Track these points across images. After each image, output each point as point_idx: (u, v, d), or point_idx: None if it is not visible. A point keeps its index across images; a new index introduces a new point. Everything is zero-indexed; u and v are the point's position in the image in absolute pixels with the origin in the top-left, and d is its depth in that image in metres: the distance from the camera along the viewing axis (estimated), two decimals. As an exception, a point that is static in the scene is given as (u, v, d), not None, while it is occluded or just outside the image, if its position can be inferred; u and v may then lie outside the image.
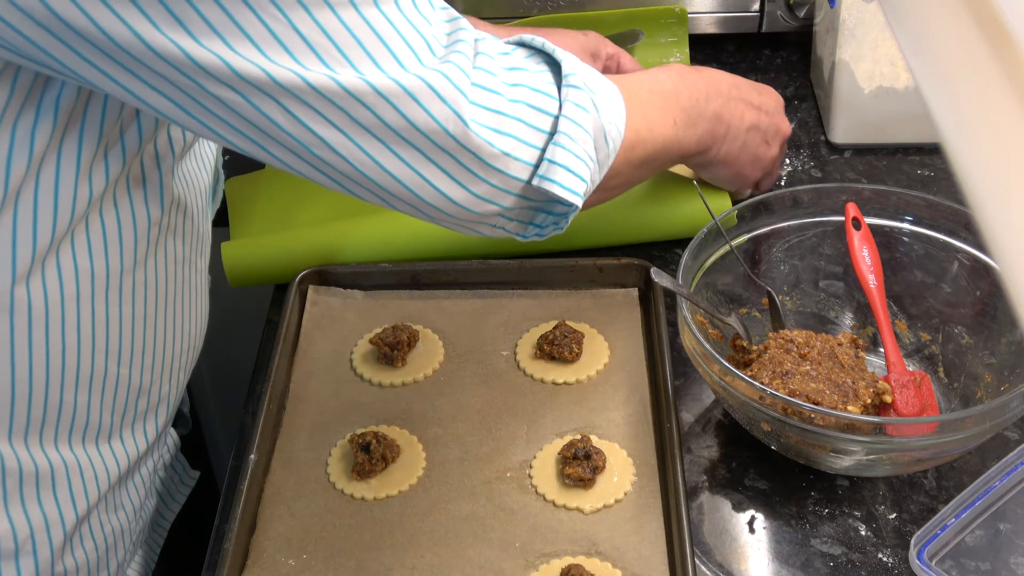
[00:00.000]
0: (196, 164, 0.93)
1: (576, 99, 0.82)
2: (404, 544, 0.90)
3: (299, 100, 0.71)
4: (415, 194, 0.79)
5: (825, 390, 0.92)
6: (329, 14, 0.69)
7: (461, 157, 0.77)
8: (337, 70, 0.71)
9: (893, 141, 1.30)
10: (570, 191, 0.81)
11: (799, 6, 1.42)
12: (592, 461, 0.93)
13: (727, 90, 1.04)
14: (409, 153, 0.75)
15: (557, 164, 0.80)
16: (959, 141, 0.43)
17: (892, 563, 0.88)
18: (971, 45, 0.43)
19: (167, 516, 1.08)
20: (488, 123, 0.78)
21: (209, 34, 0.67)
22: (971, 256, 1.01)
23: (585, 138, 0.82)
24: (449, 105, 0.75)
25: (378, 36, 0.72)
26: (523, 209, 0.85)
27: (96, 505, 0.90)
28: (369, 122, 0.73)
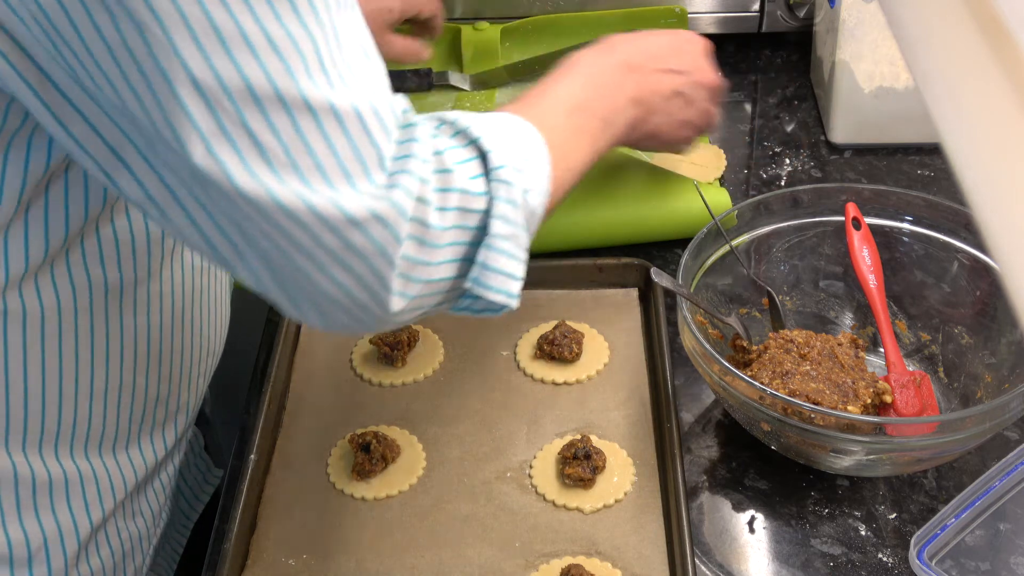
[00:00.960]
0: None
1: (507, 195, 0.75)
2: (404, 544, 0.90)
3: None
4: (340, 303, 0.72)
5: (825, 390, 0.92)
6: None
7: (391, 273, 0.71)
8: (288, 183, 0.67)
9: (893, 141, 1.30)
10: (505, 294, 0.76)
11: (799, 6, 1.42)
12: (592, 461, 0.93)
13: (641, 63, 0.97)
14: (343, 275, 0.70)
15: (491, 269, 0.75)
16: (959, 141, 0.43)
17: (892, 563, 0.88)
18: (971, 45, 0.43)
19: (190, 516, 1.08)
20: (422, 236, 0.72)
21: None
22: (971, 256, 1.01)
23: (518, 234, 0.76)
24: (392, 230, 0.70)
25: (324, 151, 0.68)
26: (452, 303, 0.80)
27: (113, 513, 0.90)
28: (307, 244, 0.69)
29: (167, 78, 0.63)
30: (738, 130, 1.37)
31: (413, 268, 0.72)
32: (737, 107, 1.42)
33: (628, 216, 1.16)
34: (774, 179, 1.28)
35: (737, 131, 1.37)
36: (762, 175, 1.29)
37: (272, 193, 0.66)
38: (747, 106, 1.42)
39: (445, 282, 0.75)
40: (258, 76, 0.64)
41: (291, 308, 0.73)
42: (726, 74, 1.45)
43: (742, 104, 1.42)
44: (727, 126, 1.38)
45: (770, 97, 1.41)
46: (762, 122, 1.38)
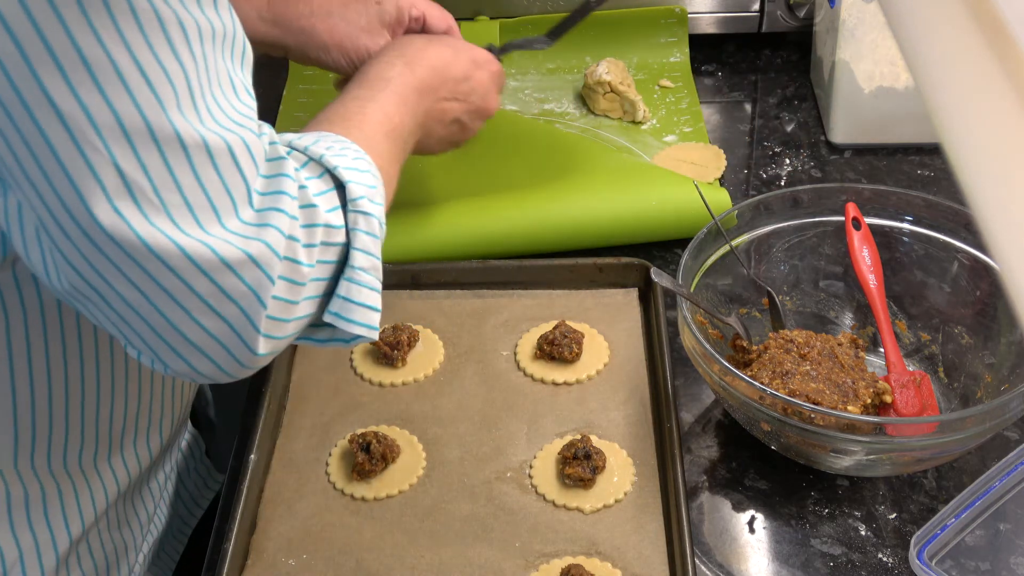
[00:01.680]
0: None
1: (367, 227, 0.75)
2: (404, 544, 0.90)
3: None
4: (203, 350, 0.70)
5: (825, 390, 0.92)
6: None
7: (262, 315, 0.70)
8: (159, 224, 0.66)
9: (893, 141, 1.30)
10: (366, 327, 0.76)
11: (799, 6, 1.42)
12: (592, 461, 0.93)
13: (435, 87, 0.97)
14: (212, 321, 0.68)
15: (353, 302, 0.74)
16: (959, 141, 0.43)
17: (892, 563, 0.88)
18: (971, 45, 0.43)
19: (189, 521, 1.06)
20: (292, 276, 0.71)
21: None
22: (971, 256, 1.01)
23: (377, 265, 0.76)
24: (265, 271, 0.69)
25: (193, 188, 0.66)
26: (311, 336, 0.78)
27: (95, 524, 0.88)
28: (176, 289, 0.67)
29: (30, 113, 0.61)
30: (738, 130, 1.37)
31: (283, 309, 0.70)
32: (737, 107, 1.42)
33: (628, 216, 1.16)
34: (774, 179, 1.28)
35: (737, 131, 1.37)
36: (762, 175, 1.29)
37: (140, 235, 0.64)
38: (747, 106, 1.42)
39: (306, 319, 0.74)
40: (128, 110, 0.62)
41: (149, 359, 0.71)
42: (726, 74, 1.46)
43: (742, 104, 1.42)
44: (727, 126, 1.38)
45: (770, 97, 1.41)
46: (762, 122, 1.38)
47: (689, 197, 1.14)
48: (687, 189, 1.15)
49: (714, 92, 1.43)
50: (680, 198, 1.16)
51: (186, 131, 0.64)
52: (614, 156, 1.25)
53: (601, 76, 1.34)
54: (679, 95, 1.39)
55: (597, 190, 1.17)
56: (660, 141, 1.32)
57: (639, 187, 1.18)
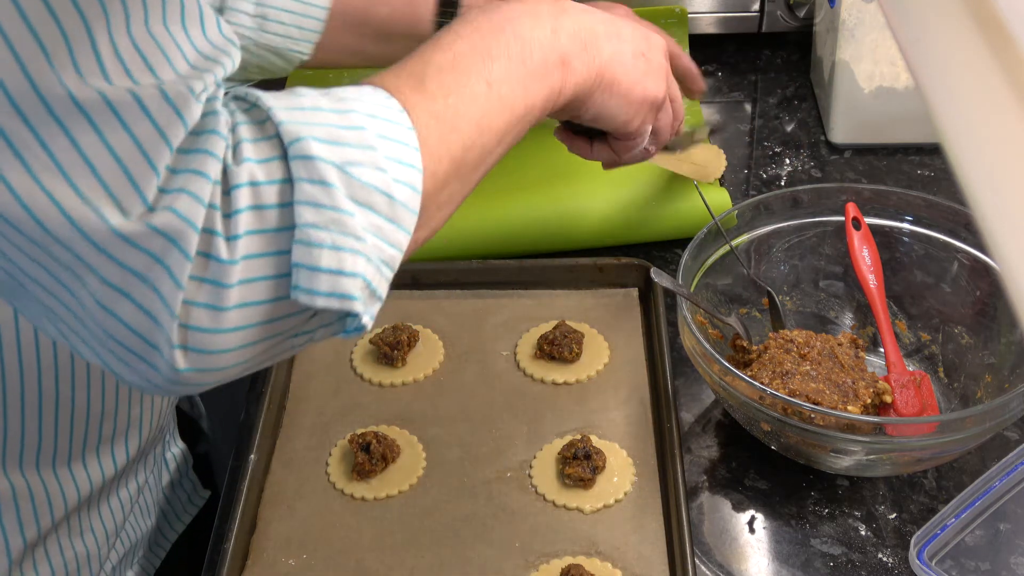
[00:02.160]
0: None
1: (309, 174, 0.61)
2: (404, 544, 0.90)
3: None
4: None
5: (825, 390, 0.92)
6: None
7: (176, 298, 0.59)
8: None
9: (893, 141, 1.30)
10: (339, 296, 0.61)
11: (799, 6, 1.42)
12: (592, 461, 0.93)
13: (559, 6, 0.82)
14: (121, 306, 0.59)
15: (310, 268, 0.61)
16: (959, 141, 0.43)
17: (892, 563, 0.88)
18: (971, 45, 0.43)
19: (168, 536, 1.05)
20: (211, 251, 0.60)
21: None
22: (971, 256, 1.01)
23: (340, 219, 0.61)
24: (178, 245, 0.58)
25: (95, 149, 0.57)
26: (311, 321, 0.65)
27: (53, 530, 0.86)
28: (70, 266, 0.58)
29: None
30: (738, 130, 1.37)
31: (212, 294, 0.59)
32: (737, 107, 1.42)
33: (628, 216, 1.16)
34: (774, 179, 1.28)
35: (737, 131, 1.37)
36: (762, 175, 1.29)
37: (19, 196, 0.56)
38: (747, 106, 1.42)
39: (255, 307, 0.61)
40: (9, 66, 0.54)
41: (82, 353, 0.62)
42: (726, 74, 1.46)
43: (742, 104, 1.42)
44: (727, 126, 1.38)
45: (770, 97, 1.41)
46: (762, 122, 1.38)
47: (689, 197, 1.15)
48: (687, 189, 1.15)
49: (714, 92, 1.43)
50: (680, 198, 1.16)
51: (79, 88, 0.56)
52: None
53: (601, 76, 1.34)
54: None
55: (597, 190, 1.17)
56: (660, 141, 1.32)
57: (639, 187, 1.18)
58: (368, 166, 0.63)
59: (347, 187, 0.62)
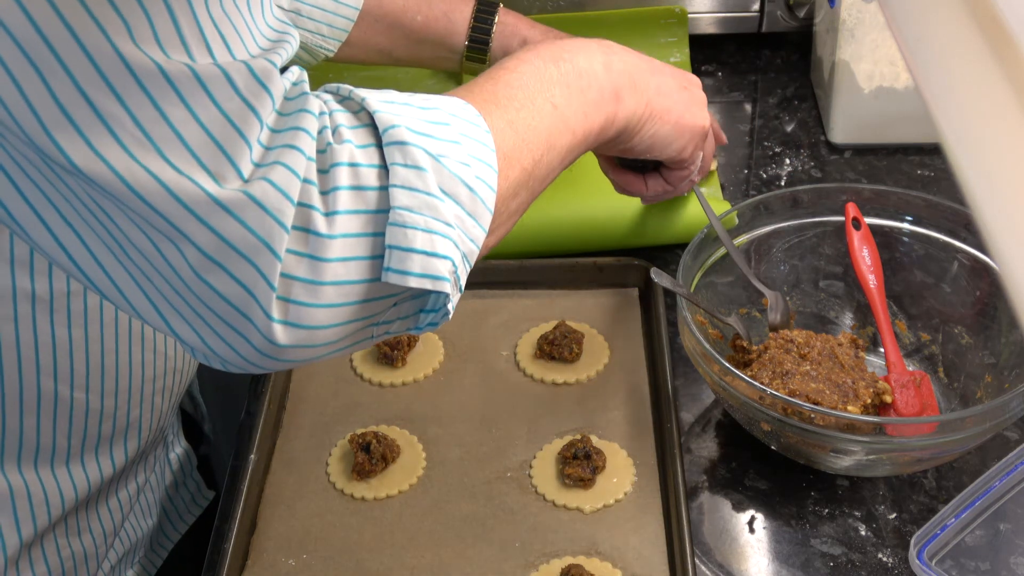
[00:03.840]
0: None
1: (404, 159, 0.63)
2: (404, 544, 0.90)
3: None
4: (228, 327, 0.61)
5: (825, 390, 0.92)
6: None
7: (274, 271, 0.60)
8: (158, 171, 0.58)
9: (893, 141, 1.30)
10: (432, 277, 0.63)
11: (799, 6, 1.42)
12: (592, 461, 0.93)
13: (608, 46, 0.87)
14: (216, 277, 0.60)
15: (403, 249, 0.62)
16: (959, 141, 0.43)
17: (892, 563, 0.88)
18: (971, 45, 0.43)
19: (171, 536, 1.05)
20: (309, 225, 0.61)
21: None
22: (971, 256, 1.01)
23: (432, 203, 0.63)
24: (274, 216, 0.59)
25: (184, 120, 0.58)
26: (390, 311, 0.66)
27: (50, 529, 0.86)
28: (165, 234, 0.59)
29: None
30: (738, 130, 1.37)
31: (310, 268, 0.60)
32: (737, 107, 1.42)
33: (628, 217, 1.16)
34: (774, 179, 1.28)
35: (737, 131, 1.37)
36: (762, 175, 1.29)
37: (117, 171, 0.57)
38: (747, 106, 1.42)
39: (350, 286, 0.62)
40: (97, 40, 0.55)
41: (169, 330, 0.63)
42: (726, 74, 1.46)
43: (742, 104, 1.42)
44: (727, 126, 1.38)
45: (770, 97, 1.41)
46: (762, 122, 1.38)
47: (689, 197, 1.14)
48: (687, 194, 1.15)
49: (714, 92, 1.43)
50: (680, 198, 1.16)
51: (167, 62, 0.57)
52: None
53: (601, 76, 1.34)
54: (679, 95, 1.39)
55: (597, 191, 1.17)
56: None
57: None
58: (455, 158, 0.65)
59: (438, 175, 0.64)
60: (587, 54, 0.83)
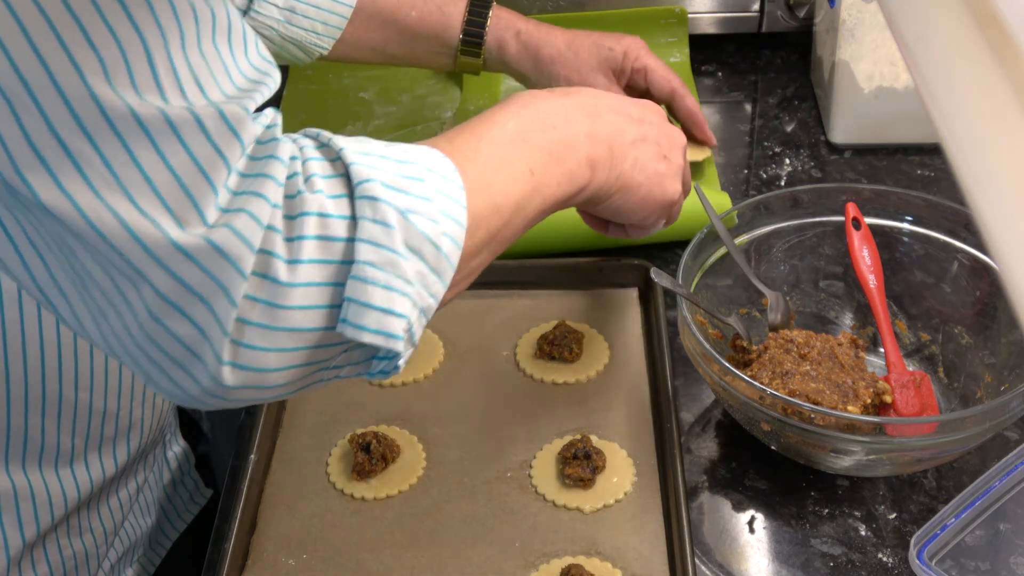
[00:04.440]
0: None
1: (374, 214, 0.63)
2: (404, 544, 0.90)
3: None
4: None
5: (825, 390, 0.92)
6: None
7: (230, 316, 0.60)
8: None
9: (893, 141, 1.30)
10: (385, 335, 0.63)
11: (799, 6, 1.42)
12: (592, 461, 0.93)
13: (595, 106, 0.86)
14: (172, 320, 0.60)
15: (362, 304, 0.63)
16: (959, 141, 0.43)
17: (892, 563, 0.88)
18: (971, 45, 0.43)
19: (169, 534, 1.05)
20: (270, 272, 0.61)
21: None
22: (971, 256, 1.01)
23: (396, 261, 0.64)
24: (234, 263, 0.59)
25: (154, 165, 0.58)
26: (341, 357, 0.66)
27: (53, 529, 0.86)
28: (125, 275, 0.59)
29: None
30: (738, 130, 1.37)
31: (266, 314, 0.61)
32: (737, 107, 1.42)
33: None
34: (774, 179, 1.28)
35: (737, 131, 1.37)
36: (762, 175, 1.29)
37: (81, 210, 0.57)
38: (747, 106, 1.42)
39: (305, 333, 0.62)
40: (73, 80, 0.55)
41: (120, 360, 0.63)
42: (726, 74, 1.46)
43: (742, 104, 1.42)
44: (727, 126, 1.38)
45: (770, 97, 1.41)
46: (762, 122, 1.38)
47: (689, 197, 1.14)
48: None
49: (714, 92, 1.43)
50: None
51: (140, 105, 0.57)
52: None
53: (601, 76, 1.34)
54: (679, 95, 1.39)
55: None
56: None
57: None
58: (424, 215, 0.66)
59: (405, 232, 0.64)
60: (573, 121, 0.82)
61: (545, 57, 1.15)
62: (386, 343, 0.64)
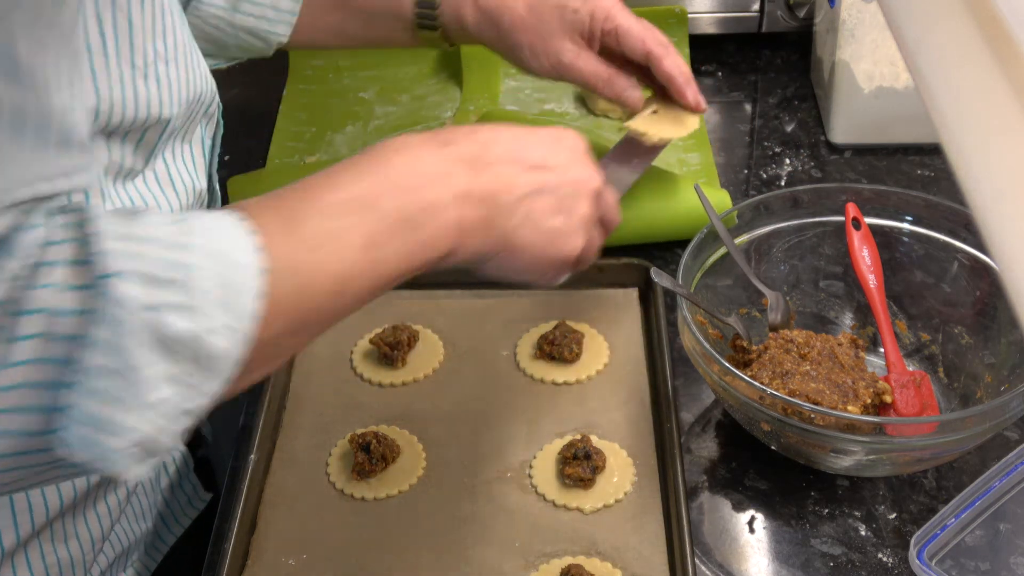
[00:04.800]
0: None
1: (111, 314, 0.56)
2: (404, 544, 0.90)
3: None
4: None
5: (825, 390, 0.92)
6: None
7: None
8: None
9: (893, 141, 1.30)
10: (101, 456, 0.57)
11: (799, 6, 1.42)
12: (592, 461, 0.93)
13: (480, 156, 0.75)
14: None
15: (74, 417, 0.56)
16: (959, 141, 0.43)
17: (892, 563, 0.88)
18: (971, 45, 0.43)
19: (166, 539, 1.02)
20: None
21: None
22: (971, 256, 1.01)
23: (131, 366, 0.56)
24: None
25: None
26: (62, 469, 0.60)
27: (34, 536, 0.82)
28: None
29: None
30: (738, 130, 1.37)
31: None
32: (737, 107, 1.42)
33: (628, 216, 1.16)
34: (774, 179, 1.28)
35: (737, 131, 1.37)
36: (762, 175, 1.29)
37: None
38: (747, 106, 1.42)
39: (14, 439, 0.57)
40: None
41: None
42: (726, 74, 1.46)
43: (742, 104, 1.42)
44: (727, 126, 1.38)
45: (770, 97, 1.41)
46: (762, 122, 1.38)
47: (689, 197, 1.14)
48: (687, 189, 1.15)
49: (714, 92, 1.43)
50: (680, 198, 1.16)
51: None
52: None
53: (601, 76, 1.34)
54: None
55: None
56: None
57: (639, 187, 1.18)
58: (185, 311, 0.58)
59: (152, 333, 0.57)
60: (446, 179, 0.72)
61: (506, 24, 1.06)
62: (100, 465, 0.57)
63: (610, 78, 1.06)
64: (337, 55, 1.46)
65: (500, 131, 0.78)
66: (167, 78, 0.80)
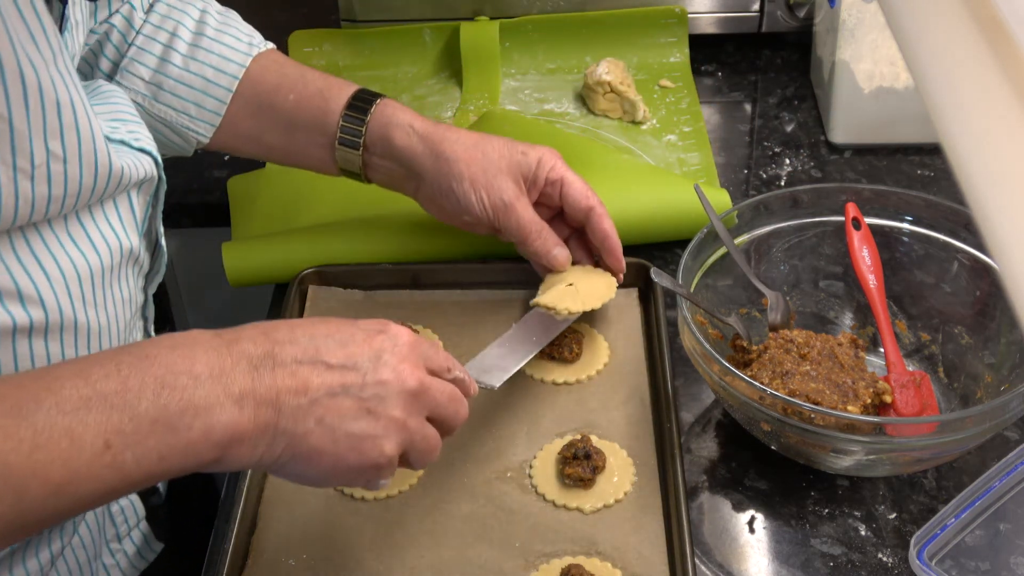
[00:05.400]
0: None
1: None
2: (404, 544, 0.90)
3: None
4: None
5: (825, 390, 0.92)
6: None
7: None
8: None
9: (893, 141, 1.30)
10: None
11: (799, 6, 1.42)
12: (592, 461, 0.93)
13: (268, 356, 0.70)
14: None
15: None
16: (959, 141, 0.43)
17: (892, 563, 0.88)
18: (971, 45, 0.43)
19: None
20: None
21: None
22: (971, 256, 1.01)
23: None
24: None
25: None
26: None
27: None
28: None
29: None
30: (738, 130, 1.37)
31: None
32: (737, 107, 1.42)
33: (628, 216, 1.16)
34: (774, 179, 1.28)
35: (737, 131, 1.37)
36: (762, 175, 1.29)
37: None
38: (747, 106, 1.42)
39: None
40: None
41: None
42: (726, 74, 1.46)
43: (742, 104, 1.42)
44: (727, 126, 1.38)
45: (770, 97, 1.42)
46: (762, 122, 1.38)
47: (689, 197, 1.14)
48: (687, 189, 1.15)
49: (714, 92, 1.43)
50: (680, 198, 1.16)
51: None
52: (614, 156, 1.25)
53: (601, 76, 1.34)
54: (679, 95, 1.39)
55: (597, 190, 1.17)
56: (660, 141, 1.32)
57: (639, 187, 1.18)
58: None
59: None
60: (222, 378, 0.67)
61: (448, 153, 1.02)
62: None
63: (542, 231, 1.03)
64: (338, 54, 1.46)
65: (298, 329, 0.73)
66: (62, 177, 0.75)
